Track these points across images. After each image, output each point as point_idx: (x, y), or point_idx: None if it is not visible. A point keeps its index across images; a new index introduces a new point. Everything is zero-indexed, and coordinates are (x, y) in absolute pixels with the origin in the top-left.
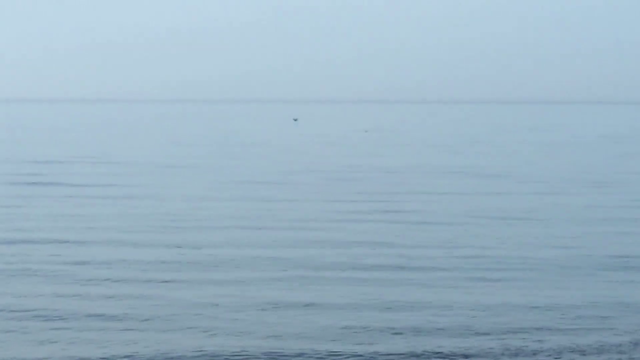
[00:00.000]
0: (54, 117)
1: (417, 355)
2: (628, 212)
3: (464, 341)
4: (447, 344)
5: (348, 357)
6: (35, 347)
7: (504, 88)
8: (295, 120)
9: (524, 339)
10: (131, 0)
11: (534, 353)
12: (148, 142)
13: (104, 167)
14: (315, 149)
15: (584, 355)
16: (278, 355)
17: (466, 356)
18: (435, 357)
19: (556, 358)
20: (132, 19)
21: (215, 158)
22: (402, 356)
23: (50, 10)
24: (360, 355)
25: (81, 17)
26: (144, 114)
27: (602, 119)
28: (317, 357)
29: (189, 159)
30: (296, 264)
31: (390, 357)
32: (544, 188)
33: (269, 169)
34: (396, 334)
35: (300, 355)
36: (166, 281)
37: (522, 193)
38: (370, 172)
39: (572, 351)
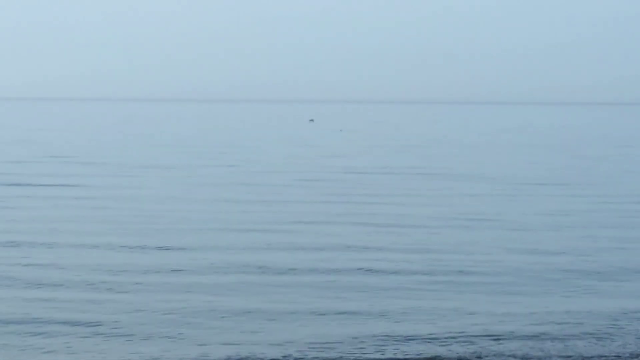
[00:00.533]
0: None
1: None
2: (598, 215)
3: (427, 347)
4: (410, 349)
5: None
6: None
7: (497, 88)
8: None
9: (488, 343)
10: None
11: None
12: (136, 143)
13: (75, 167)
14: (291, 150)
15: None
16: None
17: None
18: None
19: None
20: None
21: (195, 159)
22: None
23: None
24: None
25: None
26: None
27: (585, 120)
28: None
29: (169, 160)
30: (263, 269)
31: None
32: (515, 190)
33: (244, 170)
34: (362, 339)
35: None
36: (133, 285)
37: (493, 195)
38: (340, 173)
39: (539, 357)
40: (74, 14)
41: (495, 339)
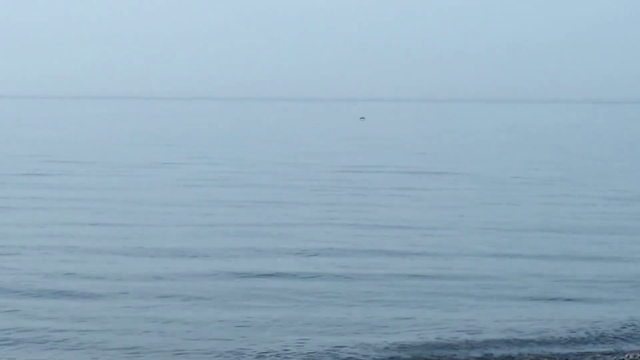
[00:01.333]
0: None
1: None
2: (588, 218)
3: (412, 352)
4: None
5: None
6: None
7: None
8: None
9: (471, 347)
10: None
11: None
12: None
13: (69, 166)
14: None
15: None
16: None
17: None
18: None
19: None
20: None
21: (190, 157)
22: None
23: None
24: None
25: None
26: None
27: (581, 119)
28: None
29: (160, 158)
30: (243, 275)
31: None
32: (508, 190)
33: (230, 169)
34: (339, 346)
35: None
36: (98, 293)
37: (487, 196)
38: (336, 173)
39: None
40: (74, 11)
41: (479, 343)
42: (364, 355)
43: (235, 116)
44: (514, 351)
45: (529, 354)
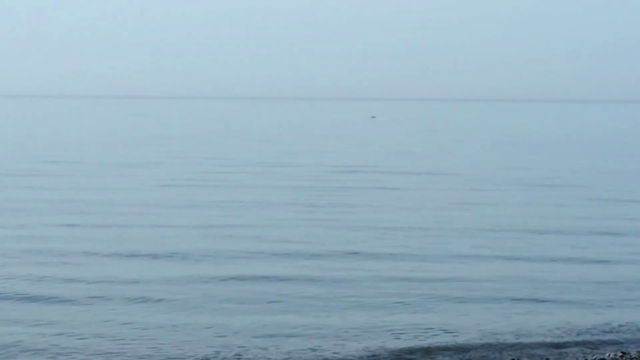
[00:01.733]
0: None
1: None
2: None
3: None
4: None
5: None
6: None
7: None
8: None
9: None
10: None
11: None
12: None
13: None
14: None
15: None
16: None
17: None
18: None
19: None
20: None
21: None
22: None
23: None
24: None
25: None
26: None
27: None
28: None
29: (140, 158)
30: (214, 279)
31: None
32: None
33: (205, 168)
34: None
35: None
36: (75, 297)
37: (470, 197)
38: (324, 172)
39: None
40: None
41: (458, 345)
42: (342, 358)
43: (244, 116)
44: (493, 353)
45: (508, 355)
